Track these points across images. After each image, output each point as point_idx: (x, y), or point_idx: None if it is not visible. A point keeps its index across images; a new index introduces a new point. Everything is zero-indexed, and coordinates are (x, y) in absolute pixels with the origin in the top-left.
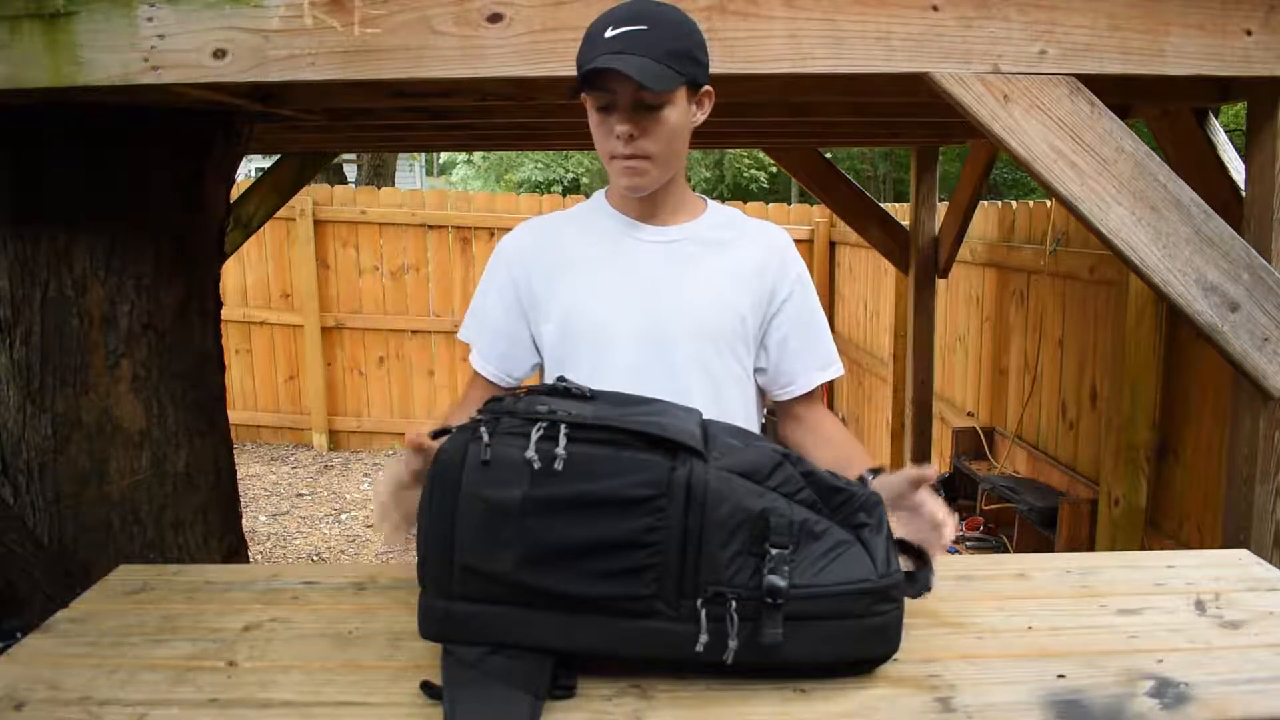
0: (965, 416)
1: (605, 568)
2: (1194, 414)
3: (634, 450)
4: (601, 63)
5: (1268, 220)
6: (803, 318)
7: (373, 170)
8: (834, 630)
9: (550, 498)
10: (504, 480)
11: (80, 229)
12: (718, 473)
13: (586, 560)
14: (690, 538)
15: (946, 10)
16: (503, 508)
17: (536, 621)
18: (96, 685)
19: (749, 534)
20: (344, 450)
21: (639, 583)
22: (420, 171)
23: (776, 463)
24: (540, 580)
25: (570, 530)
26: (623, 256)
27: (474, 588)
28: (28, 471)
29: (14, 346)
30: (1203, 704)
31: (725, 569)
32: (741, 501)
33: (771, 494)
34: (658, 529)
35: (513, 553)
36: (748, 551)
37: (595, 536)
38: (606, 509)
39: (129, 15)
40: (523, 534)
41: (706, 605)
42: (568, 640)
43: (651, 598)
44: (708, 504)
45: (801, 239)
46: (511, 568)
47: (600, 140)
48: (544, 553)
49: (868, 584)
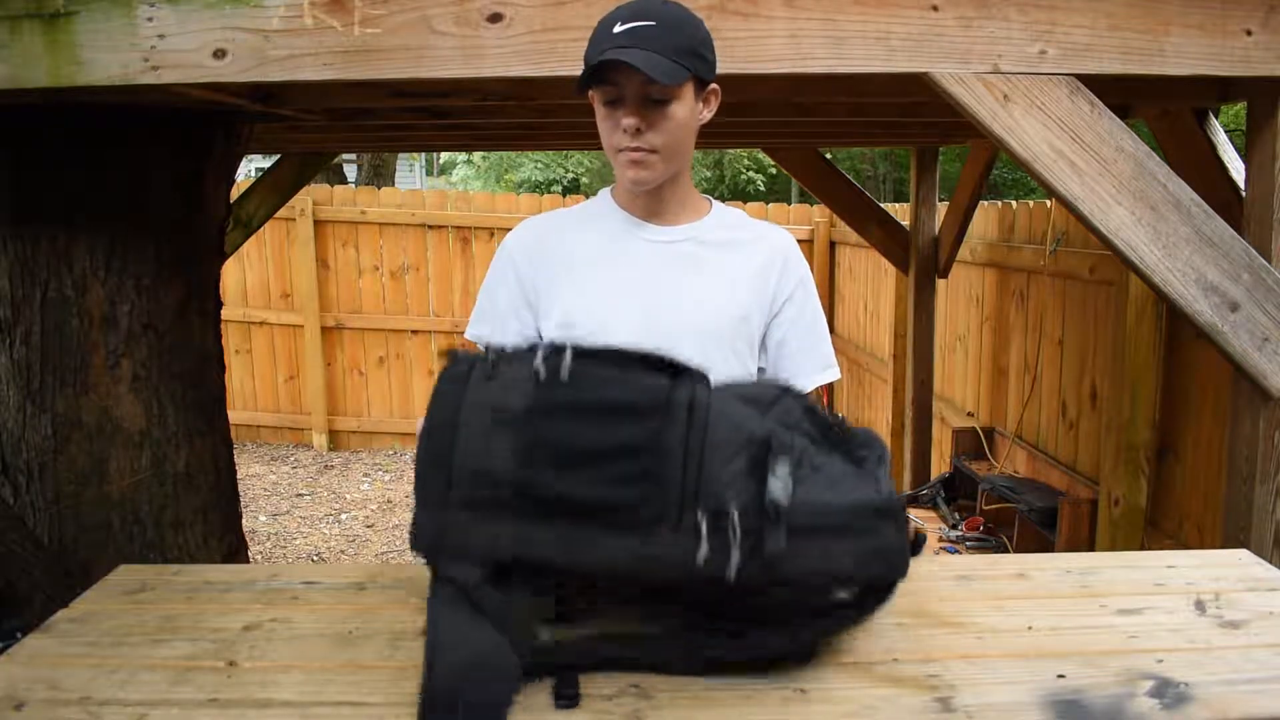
0: (965, 416)
1: (606, 473)
2: (1194, 414)
3: (639, 371)
4: (610, 55)
5: (1268, 220)
6: (803, 320)
7: (373, 170)
8: (837, 547)
9: (554, 402)
10: (508, 390)
11: (80, 229)
12: (720, 396)
13: (588, 465)
14: (691, 454)
15: (946, 10)
16: (507, 413)
17: (537, 535)
18: (96, 685)
19: (750, 456)
20: (344, 450)
21: (639, 490)
22: (420, 171)
23: (777, 395)
24: (540, 480)
25: (573, 432)
26: (626, 255)
27: (473, 493)
28: (28, 471)
29: (14, 346)
30: (1203, 704)
31: (727, 487)
32: (743, 424)
33: (773, 422)
34: (660, 439)
35: (514, 450)
36: (748, 473)
37: (598, 440)
38: (610, 416)
39: (129, 15)
40: (526, 434)
41: (708, 518)
42: (569, 555)
43: (652, 508)
44: (709, 423)
45: (801, 239)
46: (513, 465)
47: (606, 134)
48: (546, 452)
49: (871, 502)
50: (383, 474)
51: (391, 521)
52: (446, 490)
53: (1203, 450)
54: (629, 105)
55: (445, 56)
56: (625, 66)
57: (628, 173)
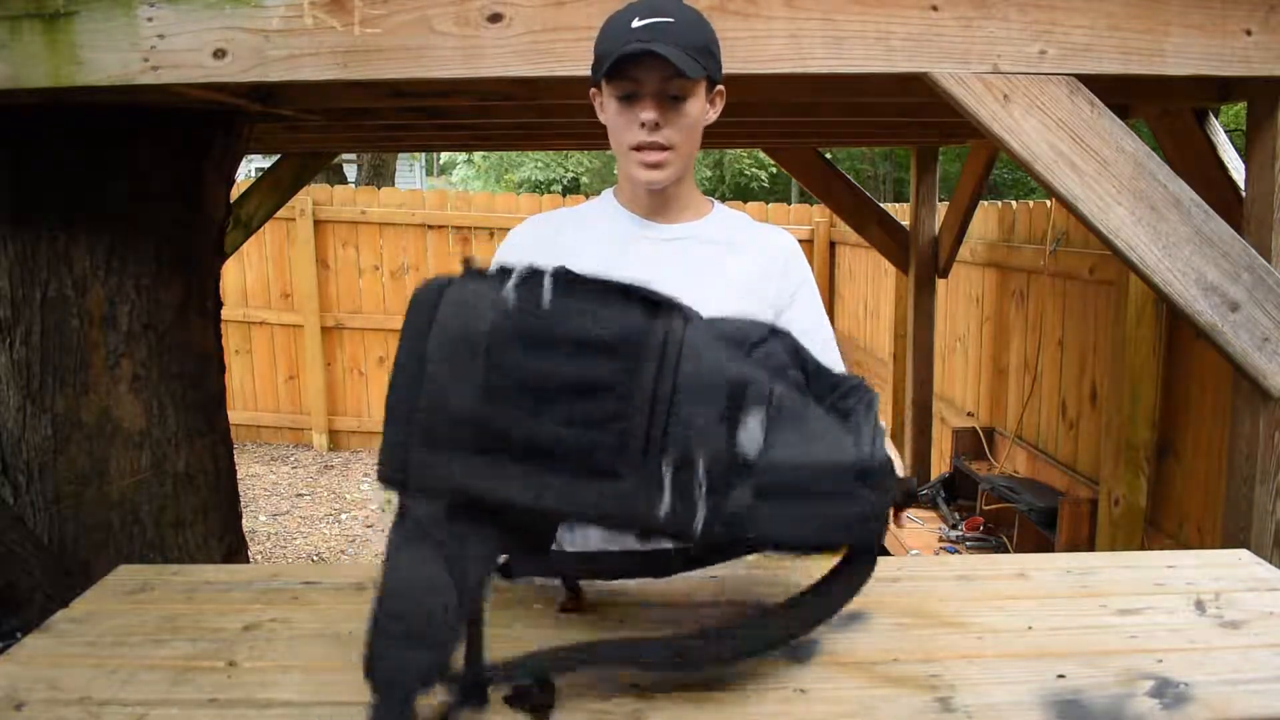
0: (965, 416)
1: (569, 413)
2: (1194, 414)
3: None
4: (636, 47)
5: (1268, 220)
6: (807, 323)
7: (373, 170)
8: (811, 510)
9: (519, 331)
10: (477, 315)
11: (80, 229)
12: (700, 333)
13: (551, 403)
14: (661, 392)
15: (946, 10)
16: (470, 339)
17: (500, 474)
18: (96, 685)
19: (725, 400)
20: (344, 450)
21: (605, 434)
22: (420, 171)
23: (763, 336)
24: (501, 417)
25: (536, 367)
26: (627, 254)
27: (436, 429)
28: (28, 471)
29: (14, 346)
30: (1203, 704)
31: (696, 434)
32: (721, 365)
33: (754, 364)
34: (627, 377)
35: (477, 385)
36: (722, 418)
37: (561, 376)
38: (576, 350)
39: (129, 15)
40: (487, 368)
41: (673, 468)
42: (534, 497)
43: (615, 451)
44: (683, 360)
45: (801, 239)
46: (473, 402)
47: (620, 130)
48: (506, 388)
49: (848, 462)
50: None
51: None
52: (410, 423)
53: (1203, 450)
54: (647, 100)
55: (445, 56)
56: (647, 60)
57: (641, 174)
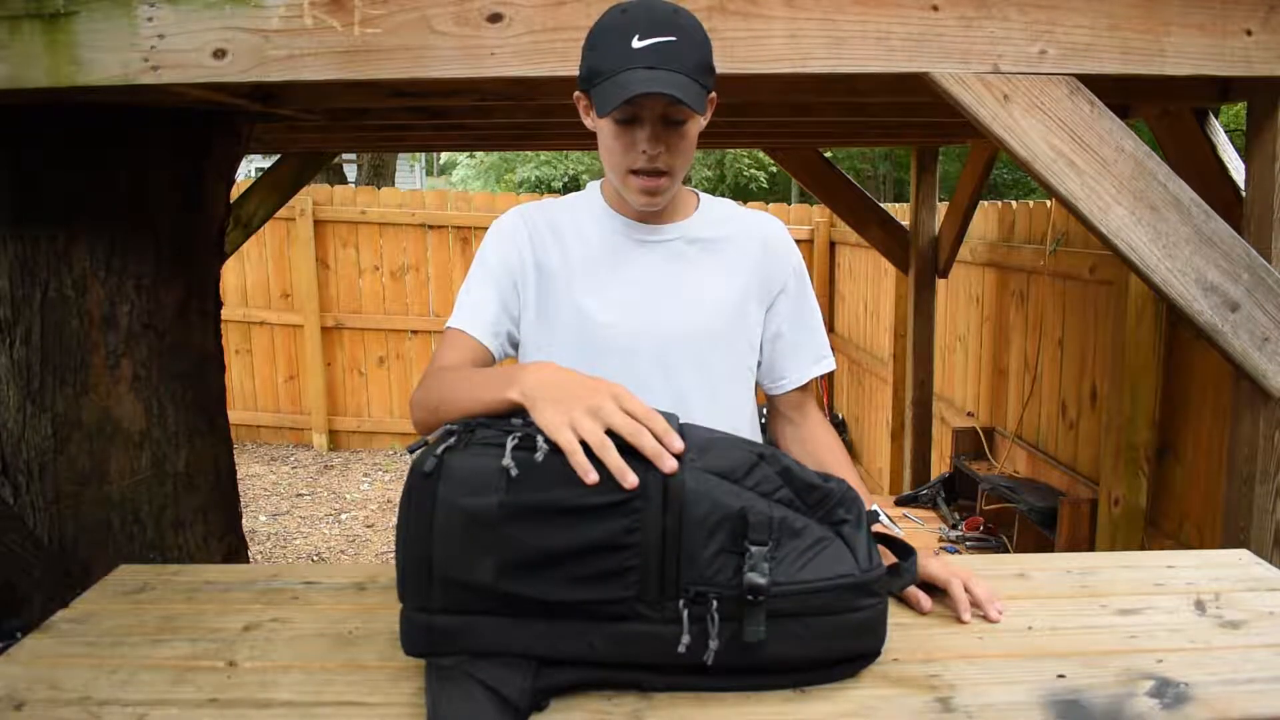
0: (965, 416)
1: (586, 572)
2: (1194, 414)
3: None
4: (643, 87)
5: (1268, 220)
6: (797, 310)
7: (373, 170)
8: (817, 627)
9: (527, 504)
10: (481, 489)
11: (80, 229)
12: (694, 473)
13: (567, 565)
14: (669, 538)
15: (946, 10)
16: (481, 517)
17: (520, 631)
18: (96, 685)
19: (728, 533)
20: (344, 450)
21: (620, 585)
22: (420, 171)
23: (753, 463)
24: (522, 588)
25: (549, 536)
26: (617, 256)
27: (455, 600)
28: (28, 471)
29: (14, 346)
30: (1203, 704)
31: (706, 568)
32: (720, 500)
33: (749, 493)
34: (636, 530)
35: (493, 562)
36: (727, 550)
37: (574, 541)
38: (584, 513)
39: (129, 15)
40: (502, 542)
41: (689, 605)
42: (551, 648)
43: (633, 600)
44: (685, 503)
45: (801, 239)
46: (493, 578)
47: (618, 153)
48: (524, 560)
49: (850, 579)
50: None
51: (391, 521)
52: (429, 592)
53: (1203, 450)
54: (650, 127)
55: (445, 56)
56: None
57: (639, 199)
